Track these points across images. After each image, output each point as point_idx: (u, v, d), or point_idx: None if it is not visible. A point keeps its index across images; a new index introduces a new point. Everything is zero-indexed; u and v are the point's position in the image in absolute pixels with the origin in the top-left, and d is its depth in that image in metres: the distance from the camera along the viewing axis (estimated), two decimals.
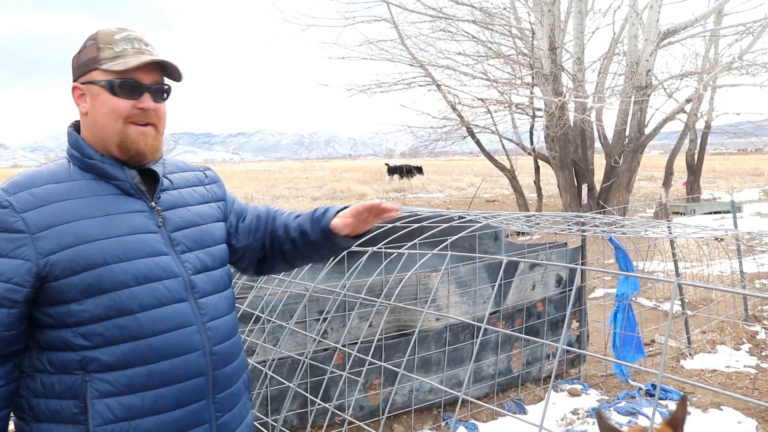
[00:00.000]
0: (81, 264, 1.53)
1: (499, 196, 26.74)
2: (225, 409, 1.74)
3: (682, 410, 2.94)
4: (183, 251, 1.69)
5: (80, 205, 1.57)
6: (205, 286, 1.71)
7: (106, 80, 1.61)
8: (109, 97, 1.61)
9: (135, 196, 1.66)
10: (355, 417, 4.21)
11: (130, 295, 1.56)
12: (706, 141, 22.84)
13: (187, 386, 1.64)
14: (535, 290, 5.11)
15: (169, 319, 1.61)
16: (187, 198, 1.78)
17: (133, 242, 1.59)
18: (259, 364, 3.69)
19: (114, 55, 1.61)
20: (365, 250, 3.60)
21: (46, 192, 1.56)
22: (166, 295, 1.61)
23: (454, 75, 17.77)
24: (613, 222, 5.54)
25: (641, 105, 15.28)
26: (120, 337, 1.56)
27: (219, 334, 1.71)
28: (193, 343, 1.64)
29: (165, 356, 1.60)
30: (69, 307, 1.54)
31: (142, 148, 1.64)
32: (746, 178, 36.81)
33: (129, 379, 1.57)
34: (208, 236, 1.78)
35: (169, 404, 1.61)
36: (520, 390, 5.11)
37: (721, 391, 1.80)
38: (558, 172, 16.11)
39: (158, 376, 1.59)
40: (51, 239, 1.52)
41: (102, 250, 1.55)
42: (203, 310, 1.68)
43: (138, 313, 1.57)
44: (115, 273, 1.55)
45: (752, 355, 6.08)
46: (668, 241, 6.60)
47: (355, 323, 4.18)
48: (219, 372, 1.71)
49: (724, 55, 18.12)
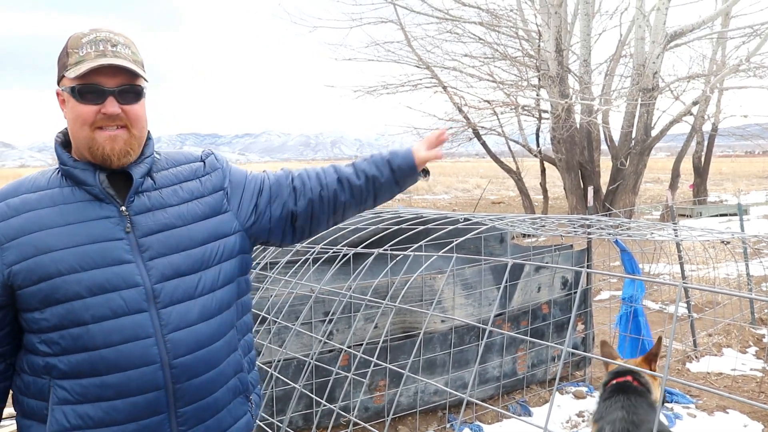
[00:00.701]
0: (38, 274, 1.53)
1: (504, 198, 26.72)
2: (192, 423, 1.66)
3: (657, 347, 3.10)
4: (152, 257, 1.61)
5: (46, 214, 1.57)
6: (174, 294, 1.62)
7: (69, 87, 1.58)
8: (74, 104, 1.58)
9: (105, 201, 1.61)
10: (360, 418, 4.22)
11: (83, 305, 1.54)
12: (713, 143, 22.78)
13: (141, 400, 1.58)
14: (540, 292, 5.11)
15: (123, 330, 1.55)
16: (167, 198, 1.68)
17: (91, 251, 1.56)
18: (264, 365, 3.70)
19: (78, 60, 1.56)
20: (371, 252, 3.61)
21: (20, 202, 1.58)
22: (122, 306, 1.56)
23: (460, 76, 17.78)
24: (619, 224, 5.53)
25: (648, 107, 15.25)
26: (74, 346, 1.55)
27: (183, 345, 1.61)
28: (149, 356, 1.57)
29: (118, 368, 1.55)
30: (32, 315, 1.57)
31: (108, 153, 1.59)
32: (753, 180, 36.65)
33: (83, 389, 1.56)
34: (187, 238, 1.67)
35: (122, 416, 1.57)
36: (525, 392, 5.11)
37: (727, 394, 1.80)
38: (564, 174, 16.09)
39: (111, 387, 1.56)
40: (14, 250, 1.54)
41: (57, 260, 1.54)
42: (164, 321, 1.59)
43: (90, 324, 1.54)
44: (69, 283, 1.53)
45: (758, 358, 6.07)
46: (674, 244, 6.59)
47: (360, 325, 4.18)
48: (183, 385, 1.62)
49: (731, 57, 18.08)
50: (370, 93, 17.91)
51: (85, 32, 1.60)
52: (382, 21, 16.77)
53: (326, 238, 4.20)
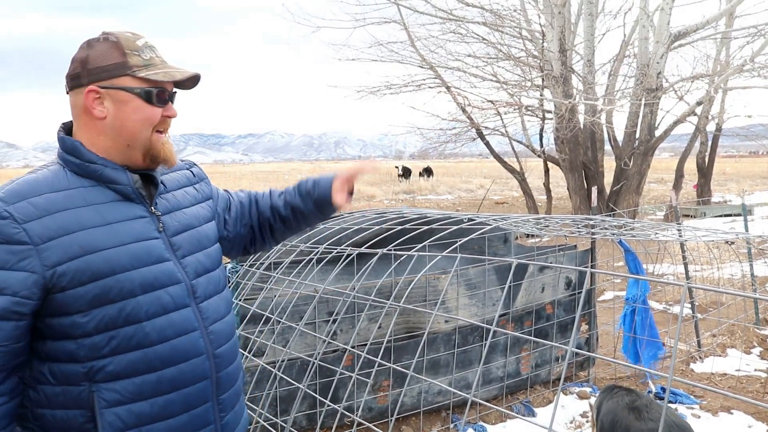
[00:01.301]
0: (88, 275, 1.51)
1: (508, 198, 26.70)
2: (227, 409, 1.77)
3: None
4: (183, 255, 1.69)
5: (83, 214, 1.55)
6: (206, 290, 1.72)
7: (141, 88, 1.60)
8: (142, 105, 1.61)
9: (135, 201, 1.64)
10: (364, 418, 4.22)
11: (137, 304, 1.57)
12: (716, 143, 22.73)
13: (194, 390, 1.66)
14: (544, 292, 5.10)
15: (174, 325, 1.62)
16: (181, 200, 1.78)
17: (137, 250, 1.59)
18: (268, 364, 3.71)
19: (145, 63, 1.61)
20: (375, 252, 3.61)
21: (46, 201, 1.53)
22: (170, 302, 1.62)
23: (463, 77, 17.76)
24: (623, 224, 5.53)
25: (651, 107, 15.22)
26: (128, 346, 1.56)
27: (221, 336, 1.74)
28: (198, 348, 1.66)
29: (172, 362, 1.61)
30: (73, 318, 1.52)
31: (168, 155, 1.68)
32: (757, 180, 36.56)
33: (138, 387, 1.57)
34: (205, 238, 1.79)
35: (177, 409, 1.63)
36: (529, 392, 5.11)
37: (732, 394, 1.79)
38: (568, 174, 16.07)
39: (167, 382, 1.61)
40: (56, 251, 1.49)
41: (108, 259, 1.54)
42: (204, 314, 1.70)
43: (144, 322, 1.58)
44: (122, 283, 1.55)
45: (763, 358, 6.05)
46: (678, 244, 6.57)
47: (364, 325, 4.19)
48: (222, 373, 1.73)
49: (735, 58, 18.02)
50: (373, 93, 17.90)
51: (132, 35, 1.64)
52: (386, 21, 16.77)
53: (330, 239, 4.20)
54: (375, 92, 17.85)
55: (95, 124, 1.61)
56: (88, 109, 1.60)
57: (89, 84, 1.59)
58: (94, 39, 1.63)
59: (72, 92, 1.63)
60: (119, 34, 1.63)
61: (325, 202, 1.99)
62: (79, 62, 1.60)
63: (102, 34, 1.64)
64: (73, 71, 1.61)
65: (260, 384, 3.86)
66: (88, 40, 1.63)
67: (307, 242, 4.23)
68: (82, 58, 1.60)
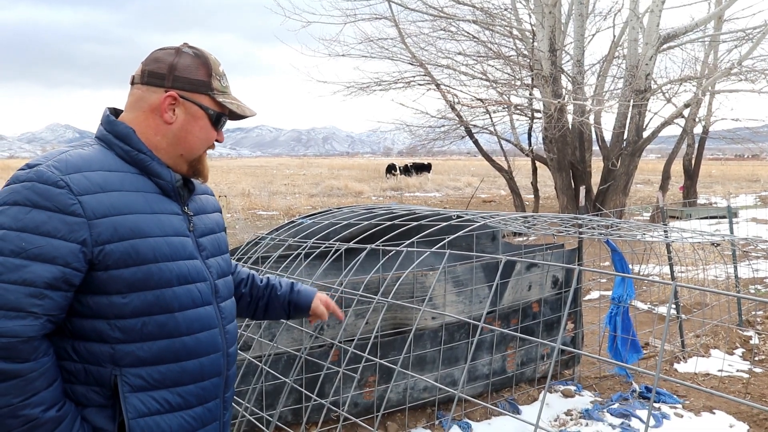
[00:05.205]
0: (134, 258, 1.55)
1: (496, 197, 26.78)
2: (228, 407, 1.85)
3: None
4: (207, 256, 1.76)
5: (134, 198, 1.59)
6: (225, 291, 1.81)
7: (214, 111, 1.72)
8: (208, 126, 1.72)
9: (172, 198, 1.70)
10: (350, 413, 4.22)
11: (173, 294, 1.62)
12: (703, 146, 22.92)
13: (209, 385, 1.72)
14: (531, 291, 5.12)
15: (201, 319, 1.69)
16: (205, 205, 1.85)
17: (176, 243, 1.65)
18: (255, 359, 3.70)
19: (222, 89, 1.73)
20: (363, 248, 3.61)
21: (101, 178, 1.55)
22: (199, 298, 1.68)
23: (453, 75, 17.80)
24: (610, 224, 5.55)
25: (640, 109, 15.31)
26: (159, 333, 1.60)
27: (232, 337, 1.83)
28: (217, 344, 1.74)
29: (195, 355, 1.67)
30: (111, 298, 1.54)
31: (206, 173, 1.80)
32: (743, 183, 36.90)
33: (162, 375, 1.61)
34: (223, 243, 1.88)
35: (195, 400, 1.69)
36: (514, 390, 5.13)
37: (716, 392, 1.81)
38: (555, 173, 16.14)
39: (188, 373, 1.66)
40: (108, 228, 1.51)
41: (154, 247, 1.58)
42: (223, 314, 1.78)
43: (177, 312, 1.63)
44: (163, 271, 1.60)
45: (745, 359, 6.11)
46: (664, 245, 6.62)
47: (351, 320, 4.18)
48: (230, 372, 1.83)
49: (723, 61, 18.15)
50: (363, 89, 17.88)
51: (214, 58, 1.74)
52: (376, 17, 16.74)
53: (318, 233, 4.19)
54: (364, 88, 17.83)
55: (158, 124, 1.67)
56: (159, 109, 1.66)
57: (171, 89, 1.66)
58: (182, 48, 1.70)
59: (145, 87, 1.67)
60: (207, 54, 1.71)
61: (298, 315, 2.19)
62: (167, 66, 1.66)
63: (189, 47, 1.71)
64: (158, 70, 1.66)
65: (246, 378, 3.85)
66: (177, 48, 1.69)
67: (296, 237, 4.22)
68: (171, 63, 1.66)
